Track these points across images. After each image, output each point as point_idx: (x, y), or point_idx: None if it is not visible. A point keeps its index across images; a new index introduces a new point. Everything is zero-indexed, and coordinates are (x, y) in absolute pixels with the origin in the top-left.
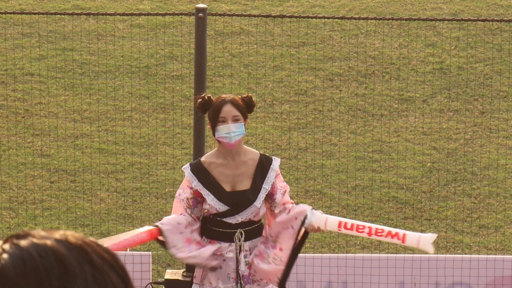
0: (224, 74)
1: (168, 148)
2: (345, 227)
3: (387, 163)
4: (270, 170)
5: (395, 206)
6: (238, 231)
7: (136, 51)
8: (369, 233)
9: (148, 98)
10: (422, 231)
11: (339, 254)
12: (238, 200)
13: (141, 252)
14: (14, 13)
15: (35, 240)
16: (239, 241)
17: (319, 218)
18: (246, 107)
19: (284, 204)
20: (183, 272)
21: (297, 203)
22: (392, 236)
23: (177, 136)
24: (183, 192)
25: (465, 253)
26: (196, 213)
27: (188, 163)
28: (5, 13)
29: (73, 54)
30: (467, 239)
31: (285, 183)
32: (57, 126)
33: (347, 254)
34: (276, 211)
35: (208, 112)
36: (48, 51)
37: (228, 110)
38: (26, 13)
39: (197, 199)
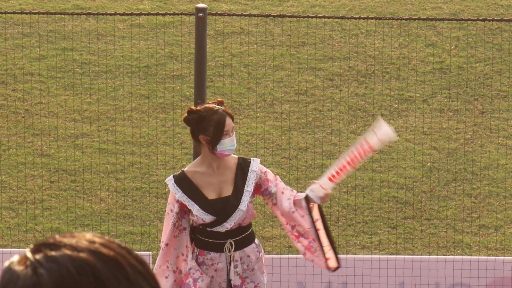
0: (224, 74)
1: (168, 148)
2: (335, 177)
3: (387, 163)
4: (249, 171)
5: (395, 206)
6: (228, 241)
7: (136, 51)
8: (353, 165)
9: (148, 98)
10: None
11: (339, 255)
12: (223, 208)
13: (141, 252)
14: (14, 13)
15: (68, 253)
16: (229, 252)
17: (317, 189)
18: None
19: (282, 191)
20: None
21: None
22: (366, 152)
23: (177, 136)
24: (174, 208)
25: (465, 253)
26: (184, 224)
27: (171, 175)
28: (5, 13)
29: (73, 54)
30: (467, 239)
31: (274, 174)
32: (57, 126)
33: (347, 255)
34: (279, 202)
35: (201, 125)
36: (48, 51)
37: (229, 123)
38: (26, 13)
39: (184, 210)
